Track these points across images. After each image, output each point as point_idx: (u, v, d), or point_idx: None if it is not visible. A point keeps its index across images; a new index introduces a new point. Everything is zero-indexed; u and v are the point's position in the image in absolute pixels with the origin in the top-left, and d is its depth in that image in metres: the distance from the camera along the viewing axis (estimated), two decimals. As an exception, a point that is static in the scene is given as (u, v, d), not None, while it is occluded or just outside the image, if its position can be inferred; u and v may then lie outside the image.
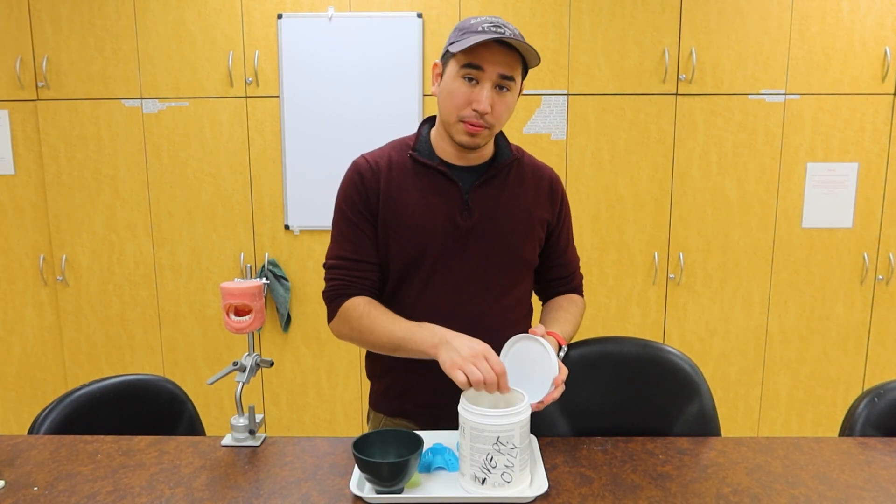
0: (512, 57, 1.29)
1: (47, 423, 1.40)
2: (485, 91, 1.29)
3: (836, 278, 2.87)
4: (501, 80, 1.29)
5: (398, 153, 1.42)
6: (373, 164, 1.40)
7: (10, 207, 2.91)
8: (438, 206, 1.37)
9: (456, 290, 1.38)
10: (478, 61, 1.28)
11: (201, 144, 2.84)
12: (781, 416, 2.98)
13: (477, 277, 1.39)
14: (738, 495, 1.14)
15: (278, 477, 1.20)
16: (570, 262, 1.55)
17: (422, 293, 1.39)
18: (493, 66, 1.28)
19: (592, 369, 1.51)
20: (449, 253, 1.37)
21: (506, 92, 1.31)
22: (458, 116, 1.32)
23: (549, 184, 1.47)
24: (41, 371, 3.03)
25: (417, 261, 1.38)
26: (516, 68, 1.31)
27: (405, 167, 1.40)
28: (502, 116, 1.33)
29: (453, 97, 1.31)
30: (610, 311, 2.92)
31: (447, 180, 1.38)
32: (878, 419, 1.41)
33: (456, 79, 1.31)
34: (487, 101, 1.28)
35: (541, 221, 1.44)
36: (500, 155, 1.44)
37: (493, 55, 1.27)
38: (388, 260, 1.40)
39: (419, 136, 1.44)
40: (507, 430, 1.11)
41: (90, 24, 2.77)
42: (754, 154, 2.80)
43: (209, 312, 2.96)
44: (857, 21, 2.70)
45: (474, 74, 1.29)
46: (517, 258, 1.42)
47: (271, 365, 1.41)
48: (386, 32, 2.75)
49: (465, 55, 1.28)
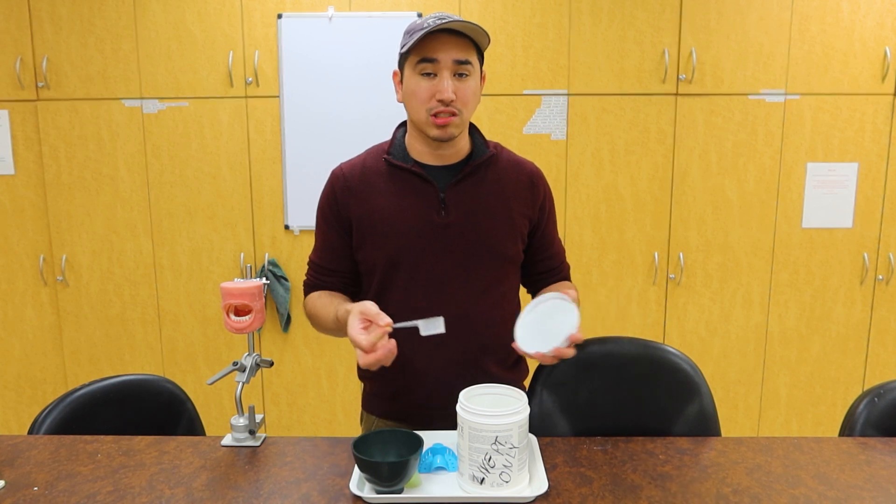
0: (462, 42, 1.32)
1: (47, 423, 1.40)
2: (444, 80, 1.31)
3: (836, 278, 2.87)
4: (458, 66, 1.32)
5: (373, 159, 1.45)
6: (347, 172, 1.44)
7: (10, 207, 2.91)
8: (414, 207, 1.39)
9: (439, 289, 1.39)
10: (430, 54, 1.31)
11: (201, 144, 2.84)
12: (781, 416, 2.98)
13: (459, 275, 1.39)
14: (738, 495, 1.14)
15: (278, 477, 1.20)
16: (557, 253, 1.55)
17: (406, 294, 1.39)
18: (446, 54, 1.31)
19: (592, 369, 1.51)
20: (429, 252, 1.38)
21: (466, 77, 1.34)
22: (426, 111, 1.34)
23: (530, 178, 1.47)
24: (41, 371, 3.03)
25: (397, 262, 1.39)
26: (470, 52, 1.34)
27: (380, 172, 1.42)
28: (469, 101, 1.36)
29: (416, 95, 1.34)
30: (610, 311, 2.92)
31: (422, 180, 1.40)
32: (878, 419, 1.41)
33: (414, 77, 1.34)
34: (450, 89, 1.31)
35: (521, 216, 1.44)
36: (477, 152, 1.45)
37: (442, 45, 1.31)
38: (369, 263, 1.42)
39: (394, 140, 1.47)
40: (506, 429, 1.11)
41: (90, 24, 2.77)
42: (754, 154, 2.80)
43: (209, 312, 2.96)
44: (857, 21, 2.70)
45: (430, 68, 1.32)
46: (499, 254, 1.42)
47: (271, 365, 1.41)
48: (386, 32, 2.75)
49: (417, 52, 1.32)
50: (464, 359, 1.40)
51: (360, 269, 1.46)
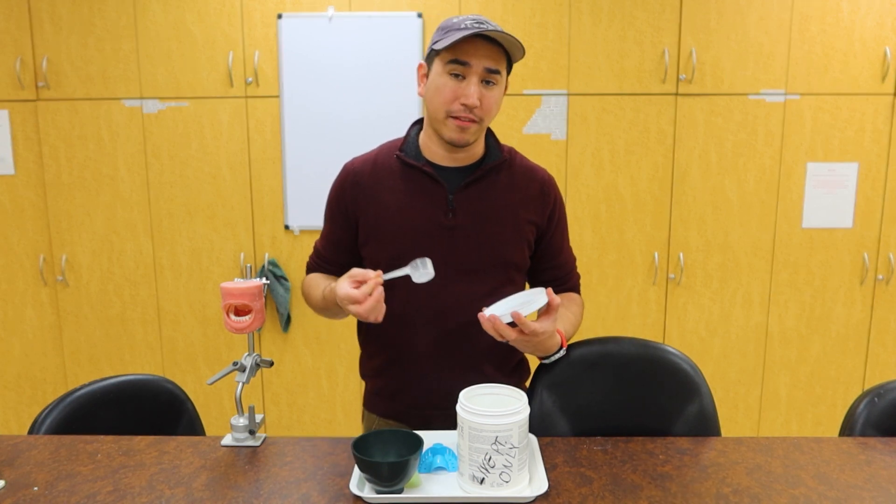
0: (496, 51, 1.32)
1: (47, 423, 1.40)
2: (472, 85, 1.31)
3: (836, 278, 2.87)
4: (487, 73, 1.32)
5: (385, 155, 1.44)
6: (358, 168, 1.45)
7: (10, 207, 2.91)
8: (422, 207, 1.39)
9: (443, 291, 1.39)
10: (463, 57, 1.30)
11: (201, 144, 2.84)
12: (781, 416, 2.98)
13: (463, 278, 1.39)
14: (738, 495, 1.14)
15: (278, 477, 1.20)
16: (566, 262, 1.55)
17: (408, 293, 1.39)
18: (479, 60, 1.30)
19: (592, 369, 1.51)
20: (433, 253, 1.37)
21: (492, 86, 1.34)
22: (447, 112, 1.33)
23: (541, 186, 1.47)
24: (41, 371, 3.03)
25: (401, 261, 1.38)
26: (501, 62, 1.34)
27: (391, 169, 1.42)
28: (491, 110, 1.35)
29: (441, 93, 1.33)
30: (610, 311, 2.92)
31: (432, 181, 1.39)
32: (878, 419, 1.41)
33: (442, 75, 1.33)
34: (476, 95, 1.31)
35: (529, 224, 1.44)
36: (490, 156, 1.44)
37: (477, 50, 1.30)
38: (373, 260, 1.42)
39: (407, 138, 1.46)
40: (506, 429, 1.11)
41: (90, 24, 2.77)
42: (754, 154, 2.80)
43: (209, 312, 2.96)
44: (857, 21, 2.70)
45: (460, 70, 1.31)
46: (503, 260, 1.42)
47: (271, 365, 1.41)
48: (386, 32, 2.75)
49: (450, 52, 1.31)
50: (465, 361, 1.40)
51: (364, 264, 1.46)
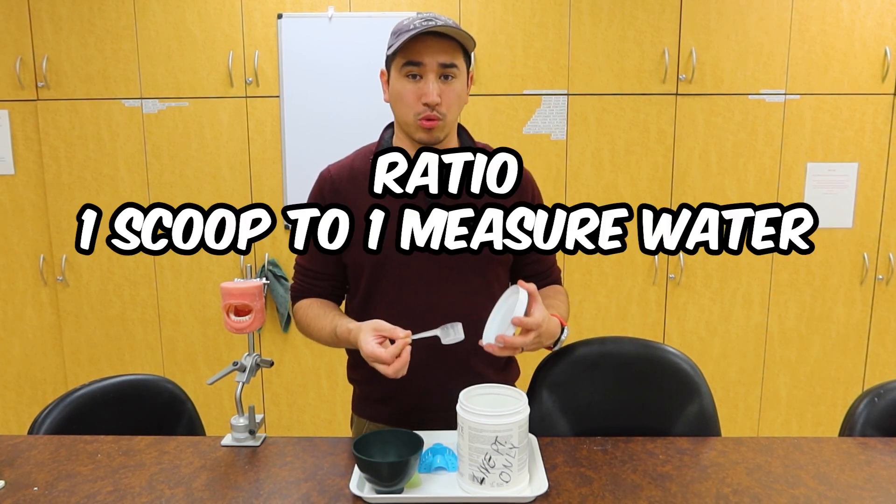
0: (449, 45, 1.32)
1: (47, 423, 1.40)
2: (430, 83, 1.31)
3: (836, 278, 2.87)
4: (443, 69, 1.32)
5: (361, 160, 1.45)
6: (335, 174, 1.44)
7: (10, 207, 2.91)
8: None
9: (428, 290, 1.39)
10: (416, 57, 1.31)
11: (201, 144, 2.84)
12: (781, 416, 2.98)
13: (448, 276, 1.39)
14: (738, 495, 1.14)
15: (278, 477, 1.20)
16: (547, 257, 1.54)
17: (394, 295, 1.39)
18: (432, 57, 1.31)
19: (592, 369, 1.51)
20: (416, 253, 1.37)
21: (452, 80, 1.34)
22: (414, 115, 1.34)
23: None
24: (41, 371, 3.03)
25: (383, 262, 1.38)
26: (456, 55, 1.33)
27: (367, 173, 1.41)
28: (453, 104, 1.35)
29: (402, 97, 1.34)
30: (610, 311, 2.92)
31: None
32: (878, 419, 1.41)
33: (400, 79, 1.34)
34: (435, 92, 1.31)
35: None
36: None
37: (428, 48, 1.30)
38: (357, 265, 1.42)
39: (381, 141, 1.47)
40: (506, 429, 1.11)
41: (90, 24, 2.77)
42: (754, 154, 2.80)
43: (209, 312, 2.96)
44: (857, 21, 2.70)
45: (416, 70, 1.32)
46: (486, 256, 1.41)
47: (271, 365, 1.41)
48: (386, 32, 2.72)
49: (403, 54, 1.32)
50: (454, 360, 1.40)
51: (347, 271, 1.46)
